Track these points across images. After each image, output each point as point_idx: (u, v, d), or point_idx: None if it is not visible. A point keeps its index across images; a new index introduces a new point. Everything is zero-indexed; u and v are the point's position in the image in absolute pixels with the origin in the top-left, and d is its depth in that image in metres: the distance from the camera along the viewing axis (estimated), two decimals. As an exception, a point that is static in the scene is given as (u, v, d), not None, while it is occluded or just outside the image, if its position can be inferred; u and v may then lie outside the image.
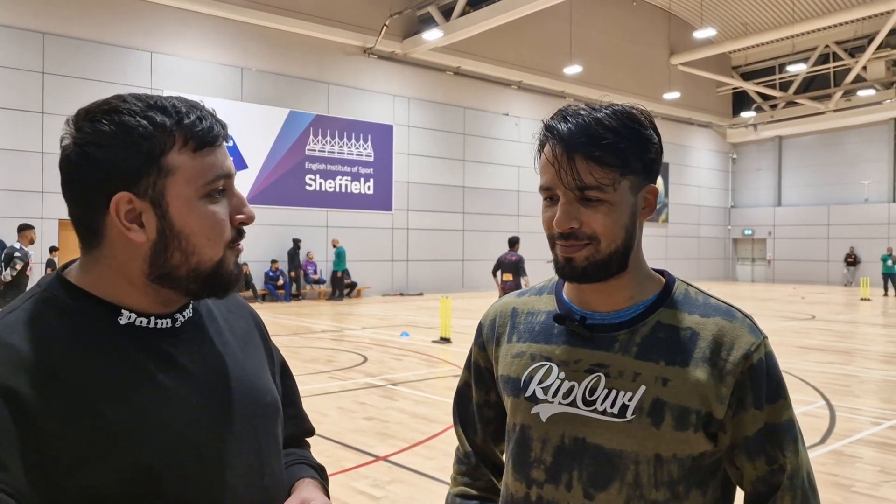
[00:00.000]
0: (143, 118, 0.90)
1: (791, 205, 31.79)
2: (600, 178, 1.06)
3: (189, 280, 0.94)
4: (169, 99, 0.94)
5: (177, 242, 0.92)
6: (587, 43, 25.60)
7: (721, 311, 1.13)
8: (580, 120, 1.08)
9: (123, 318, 0.93)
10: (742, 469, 1.10)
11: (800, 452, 1.09)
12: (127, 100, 0.92)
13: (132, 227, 0.90)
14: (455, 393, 1.40)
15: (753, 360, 1.08)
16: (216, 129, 0.95)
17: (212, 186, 0.93)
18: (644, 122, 1.10)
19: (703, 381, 1.06)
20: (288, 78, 19.61)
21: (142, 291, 0.94)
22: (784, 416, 1.09)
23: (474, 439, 1.34)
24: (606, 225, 1.08)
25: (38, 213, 15.74)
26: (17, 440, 0.79)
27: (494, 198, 24.35)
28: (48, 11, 15.85)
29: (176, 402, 0.92)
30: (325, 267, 20.32)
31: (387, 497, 4.29)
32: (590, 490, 1.09)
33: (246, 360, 1.06)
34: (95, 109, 0.91)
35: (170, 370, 0.93)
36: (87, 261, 0.95)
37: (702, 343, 1.09)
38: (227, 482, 0.94)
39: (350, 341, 11.41)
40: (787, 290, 26.24)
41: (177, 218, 0.91)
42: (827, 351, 10.69)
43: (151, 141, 0.90)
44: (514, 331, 1.25)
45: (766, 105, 31.68)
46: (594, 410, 1.10)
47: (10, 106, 15.36)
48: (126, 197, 0.89)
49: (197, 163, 0.92)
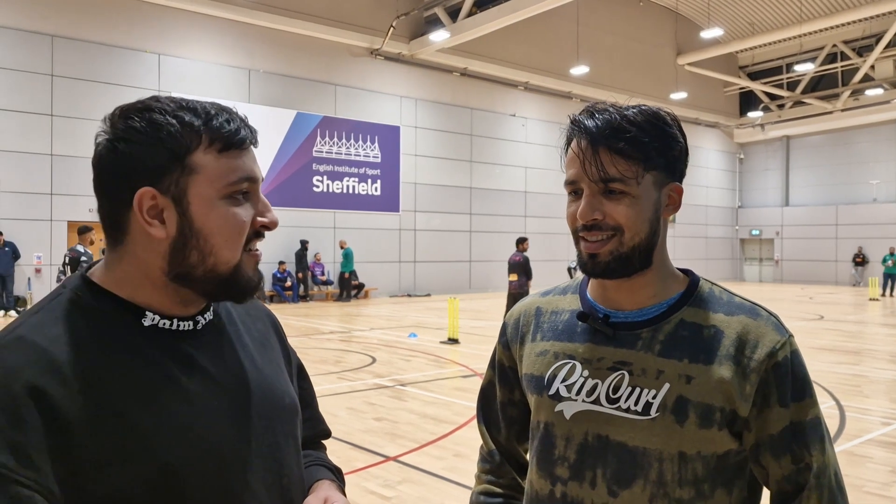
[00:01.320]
0: (173, 117, 0.92)
1: (799, 205, 31.66)
2: (624, 170, 1.08)
3: (206, 281, 0.95)
4: (202, 102, 0.96)
5: (195, 241, 0.93)
6: (594, 43, 25.57)
7: (745, 309, 1.13)
8: (606, 115, 1.10)
9: (147, 319, 0.94)
10: (767, 468, 1.09)
11: (826, 451, 1.09)
12: (161, 100, 0.94)
13: (153, 222, 0.91)
14: (479, 392, 1.41)
15: (778, 358, 1.07)
16: (243, 133, 0.96)
17: (234, 188, 0.94)
18: (669, 122, 1.13)
19: (727, 379, 1.06)
20: (295, 79, 19.66)
21: (162, 291, 0.95)
22: (810, 414, 1.08)
23: (498, 438, 1.35)
24: (629, 217, 1.09)
25: (48, 216, 15.81)
26: (45, 440, 0.80)
27: (502, 199, 24.34)
28: (57, 14, 15.93)
29: (198, 405, 0.93)
30: (332, 268, 20.35)
31: (398, 497, 4.30)
32: (613, 487, 1.10)
33: (264, 362, 1.07)
34: (130, 108, 0.93)
35: (192, 372, 0.94)
36: (112, 258, 0.96)
37: (726, 341, 1.09)
38: (248, 483, 0.95)
39: (358, 342, 11.43)
40: (795, 290, 26.14)
41: (197, 216, 0.92)
42: (836, 351, 10.65)
43: (177, 139, 0.91)
44: (538, 329, 1.26)
45: (774, 105, 31.55)
46: (618, 408, 1.11)
47: (19, 108, 15.44)
48: (149, 192, 0.91)
49: (221, 164, 0.93)
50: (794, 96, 29.65)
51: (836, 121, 29.47)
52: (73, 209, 15.87)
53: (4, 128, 15.23)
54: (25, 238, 15.52)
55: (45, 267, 15.88)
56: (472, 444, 5.40)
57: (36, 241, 15.70)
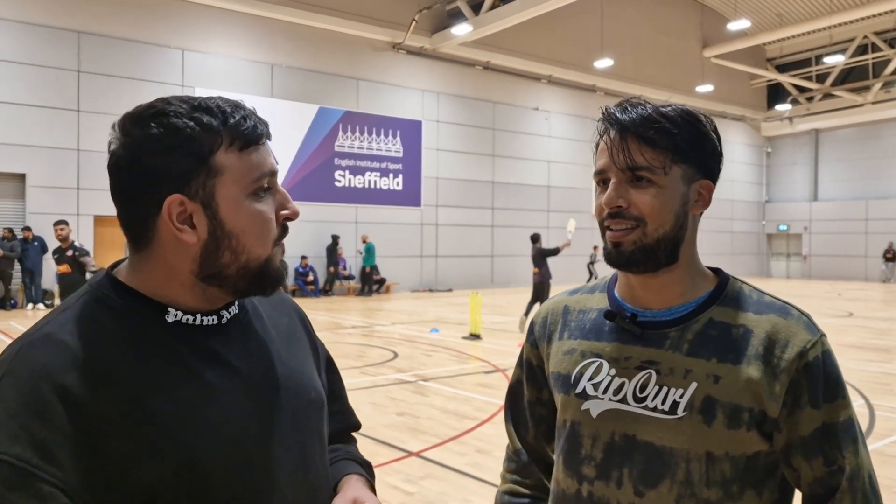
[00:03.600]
0: (190, 119, 0.91)
1: (828, 199, 31.16)
2: (651, 159, 1.08)
3: (238, 278, 0.95)
4: (212, 99, 0.94)
5: (227, 242, 0.93)
6: (618, 36, 25.33)
7: (776, 308, 1.11)
8: (640, 109, 1.10)
9: (170, 315, 0.94)
10: (799, 469, 1.08)
11: (860, 453, 1.06)
12: (171, 102, 0.92)
13: (184, 228, 0.91)
14: (507, 390, 1.41)
15: (809, 358, 1.05)
16: (260, 128, 0.96)
17: (258, 184, 0.94)
18: (702, 121, 1.12)
19: (756, 379, 1.05)
20: (317, 74, 19.73)
21: (190, 290, 0.95)
22: (842, 415, 1.06)
23: (526, 437, 1.35)
24: (654, 207, 1.08)
25: (74, 210, 16.05)
26: (71, 437, 0.81)
27: (524, 193, 24.25)
28: (84, 11, 16.14)
29: (223, 400, 0.93)
30: (354, 263, 20.43)
31: (420, 492, 4.30)
32: (640, 487, 1.09)
33: (290, 356, 1.06)
34: (142, 114, 0.92)
35: (216, 367, 0.94)
36: (136, 260, 0.96)
37: (755, 340, 1.08)
38: (273, 478, 0.95)
39: (380, 337, 11.45)
40: (823, 286, 25.75)
41: (227, 218, 0.92)
42: (865, 349, 10.46)
43: (199, 142, 0.90)
44: (566, 328, 1.25)
45: (803, 98, 31.06)
46: (645, 407, 1.10)
47: (47, 104, 15.69)
48: (178, 199, 0.90)
49: (244, 162, 0.93)
50: (824, 89, 29.14)
51: (866, 114, 28.94)
52: (100, 203, 16.10)
53: (33, 123, 15.49)
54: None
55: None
56: (495, 441, 5.38)
57: (64, 236, 15.92)
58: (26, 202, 15.60)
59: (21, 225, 15.28)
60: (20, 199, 15.65)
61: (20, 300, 15.31)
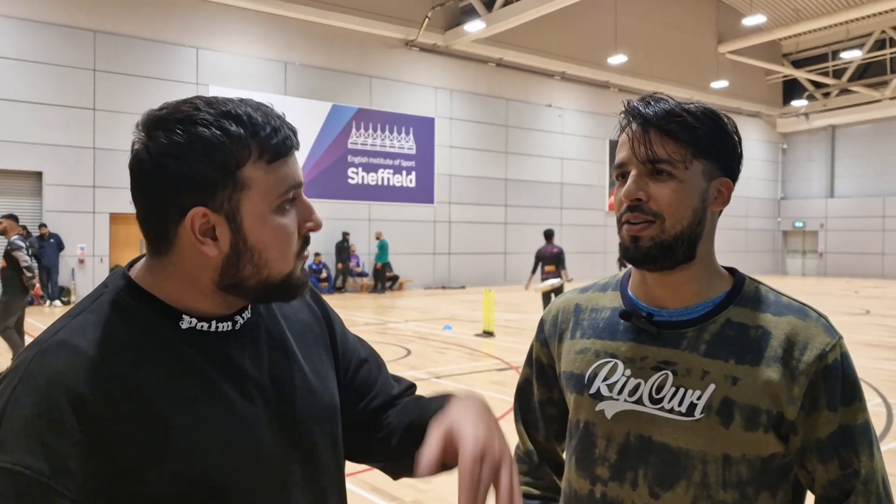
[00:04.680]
0: (218, 129, 0.87)
1: (844, 196, 30.85)
2: (672, 152, 1.07)
3: (257, 289, 0.94)
4: (241, 105, 0.91)
5: (249, 255, 0.91)
6: (632, 32, 25.18)
7: (794, 309, 1.10)
8: (662, 103, 1.10)
9: (184, 322, 0.92)
10: (813, 472, 1.07)
11: (875, 457, 1.06)
12: (199, 107, 0.89)
13: (205, 240, 0.89)
14: (516, 390, 1.39)
15: (828, 361, 1.05)
16: (290, 140, 0.93)
17: (284, 198, 0.92)
18: (724, 120, 1.12)
19: (774, 381, 1.04)
20: (330, 71, 19.77)
21: (208, 297, 0.94)
22: (860, 418, 1.06)
23: (536, 437, 1.33)
24: (672, 202, 1.07)
25: (91, 208, 16.19)
26: (85, 447, 0.80)
27: (537, 190, 24.18)
28: (99, 10, 16.27)
29: (237, 410, 0.92)
30: (367, 260, 20.47)
31: (432, 490, 4.30)
32: (655, 489, 1.08)
33: (305, 358, 1.05)
34: (167, 118, 0.88)
35: (230, 375, 0.93)
36: (154, 264, 0.94)
37: (773, 342, 1.07)
38: (287, 490, 0.95)
39: (393, 334, 11.47)
40: (839, 284, 25.51)
41: (250, 232, 0.90)
42: (882, 347, 10.36)
43: (226, 153, 0.87)
44: (578, 327, 1.24)
45: (819, 93, 30.74)
46: (661, 408, 1.09)
47: (63, 103, 15.82)
48: (201, 211, 0.88)
49: (271, 176, 0.90)
50: (841, 84, 28.84)
51: (883, 109, 28.59)
52: (116, 201, 16.25)
53: (49, 122, 15.63)
54: (69, 230, 15.92)
55: (88, 258, 16.27)
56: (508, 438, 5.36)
57: (79, 233, 16.10)
58: (43, 200, 15.75)
59: (38, 223, 15.43)
60: (37, 196, 15.81)
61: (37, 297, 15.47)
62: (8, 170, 15.30)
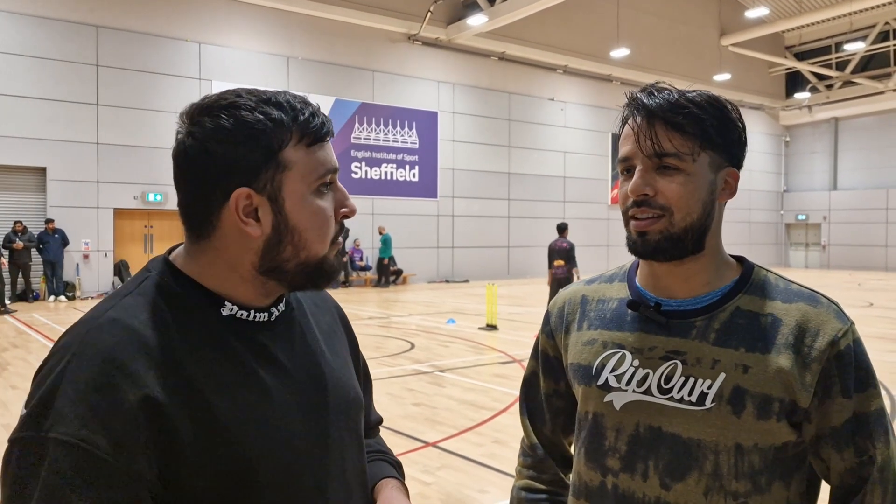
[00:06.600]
0: (261, 113, 0.91)
1: (847, 188, 30.75)
2: (679, 145, 1.05)
3: (296, 273, 0.96)
4: (281, 94, 0.95)
5: (290, 237, 0.94)
6: (635, 25, 25.09)
7: (804, 296, 1.09)
8: (666, 93, 1.08)
9: (226, 309, 0.95)
10: (829, 461, 1.06)
11: (891, 444, 1.05)
12: (241, 94, 0.93)
13: (249, 221, 0.92)
14: (522, 383, 1.38)
15: (840, 347, 1.04)
16: (327, 126, 0.97)
17: (322, 181, 0.95)
18: (729, 108, 1.10)
19: (786, 369, 1.03)
20: (333, 66, 19.74)
21: (249, 283, 0.96)
22: (874, 405, 1.04)
23: (542, 430, 1.32)
24: (681, 196, 1.06)
25: (94, 203, 16.21)
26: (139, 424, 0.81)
27: (540, 184, 24.15)
28: (102, 5, 16.24)
29: (274, 398, 0.94)
30: (371, 254, 20.48)
31: (436, 483, 4.31)
32: (666, 480, 1.07)
33: (332, 354, 1.08)
34: (213, 104, 0.92)
35: (266, 364, 0.95)
36: (195, 250, 0.96)
37: (784, 329, 1.06)
38: (318, 478, 0.97)
39: (397, 328, 11.49)
40: (843, 276, 25.45)
41: (291, 213, 0.93)
42: (886, 339, 10.35)
43: (269, 136, 0.91)
44: (585, 318, 1.23)
45: (822, 85, 30.62)
46: (671, 398, 1.08)
47: (66, 98, 15.81)
48: (245, 192, 0.91)
49: (311, 158, 0.94)
50: (844, 76, 28.72)
51: (887, 101, 28.46)
52: (119, 197, 16.29)
53: (52, 118, 15.63)
54: (73, 225, 15.94)
55: (92, 253, 16.30)
56: (512, 431, 5.38)
57: (84, 228, 16.12)
58: (47, 195, 15.77)
59: (43, 218, 15.47)
60: (41, 192, 15.83)
61: (42, 292, 15.51)
62: (12, 165, 15.31)
